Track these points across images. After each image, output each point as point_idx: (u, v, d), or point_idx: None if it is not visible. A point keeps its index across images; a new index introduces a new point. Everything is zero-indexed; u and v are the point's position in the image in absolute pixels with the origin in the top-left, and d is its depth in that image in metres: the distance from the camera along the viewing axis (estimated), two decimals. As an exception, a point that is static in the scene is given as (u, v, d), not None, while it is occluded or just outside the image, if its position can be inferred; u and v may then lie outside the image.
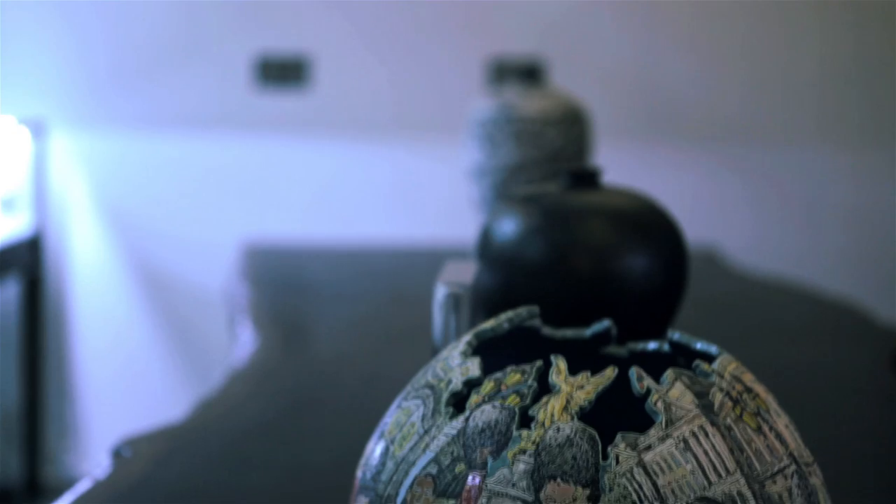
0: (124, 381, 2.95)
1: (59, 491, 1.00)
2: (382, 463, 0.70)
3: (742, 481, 0.64)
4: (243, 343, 1.54)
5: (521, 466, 0.64)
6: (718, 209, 2.90)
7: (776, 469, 0.66)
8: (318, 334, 1.63)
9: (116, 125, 2.90)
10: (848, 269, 2.90)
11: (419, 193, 2.89)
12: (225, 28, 2.88)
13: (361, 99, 2.90)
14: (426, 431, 0.69)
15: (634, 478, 0.63)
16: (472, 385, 0.70)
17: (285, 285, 1.97)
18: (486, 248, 1.15)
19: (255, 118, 2.90)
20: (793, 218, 2.94)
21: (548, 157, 1.92)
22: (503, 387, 0.68)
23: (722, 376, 0.68)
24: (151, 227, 2.92)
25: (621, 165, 2.14)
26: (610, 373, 0.67)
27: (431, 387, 0.71)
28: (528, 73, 2.08)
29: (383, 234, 2.69)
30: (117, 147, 2.91)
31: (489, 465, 0.65)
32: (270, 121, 2.90)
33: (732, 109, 2.94)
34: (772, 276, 2.11)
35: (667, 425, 0.65)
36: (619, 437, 0.65)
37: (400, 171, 2.91)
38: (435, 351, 0.99)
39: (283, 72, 2.90)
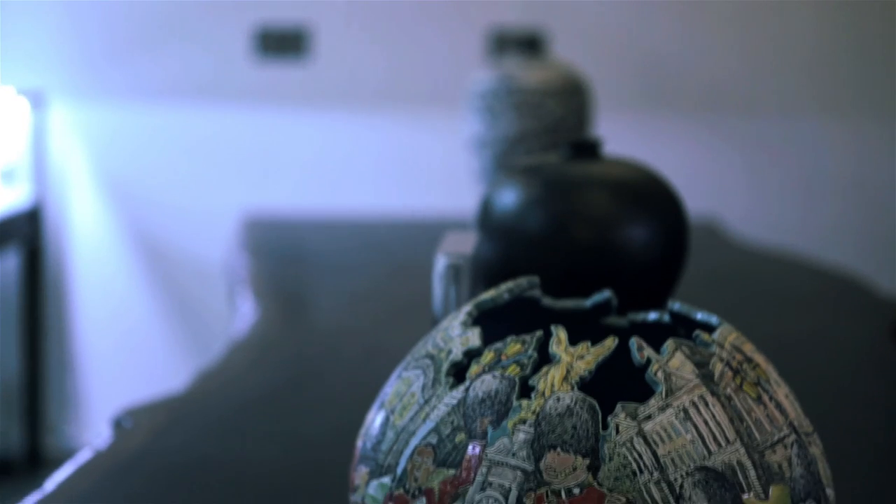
0: (124, 352, 2.96)
1: (60, 461, 1.00)
2: (383, 433, 0.70)
3: (742, 451, 0.64)
4: (243, 314, 1.54)
5: (521, 436, 0.64)
6: (719, 181, 2.90)
7: (776, 438, 0.66)
8: (319, 305, 1.64)
9: (116, 96, 2.89)
10: (848, 241, 2.90)
11: (419, 165, 2.89)
12: (224, -1, 2.87)
13: (361, 70, 2.89)
14: (426, 401, 0.69)
15: (634, 447, 0.63)
16: (472, 355, 0.70)
17: (285, 257, 1.97)
18: (487, 219, 1.15)
19: (255, 89, 2.89)
20: (793, 189, 2.94)
21: (548, 129, 1.92)
22: (503, 357, 0.68)
23: (722, 346, 0.68)
24: (151, 198, 2.92)
25: (622, 136, 2.14)
26: (610, 343, 0.67)
27: (431, 357, 0.71)
28: (529, 44, 2.07)
29: (383, 206, 2.69)
30: (117, 118, 2.90)
31: (489, 434, 0.65)
32: (270, 92, 2.89)
33: (733, 80, 2.93)
34: (772, 248, 2.11)
35: (667, 395, 0.65)
36: (619, 406, 0.65)
37: (400, 143, 2.90)
38: (435, 322, 0.99)
39: (282, 43, 2.89)
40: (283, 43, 2.89)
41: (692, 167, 2.84)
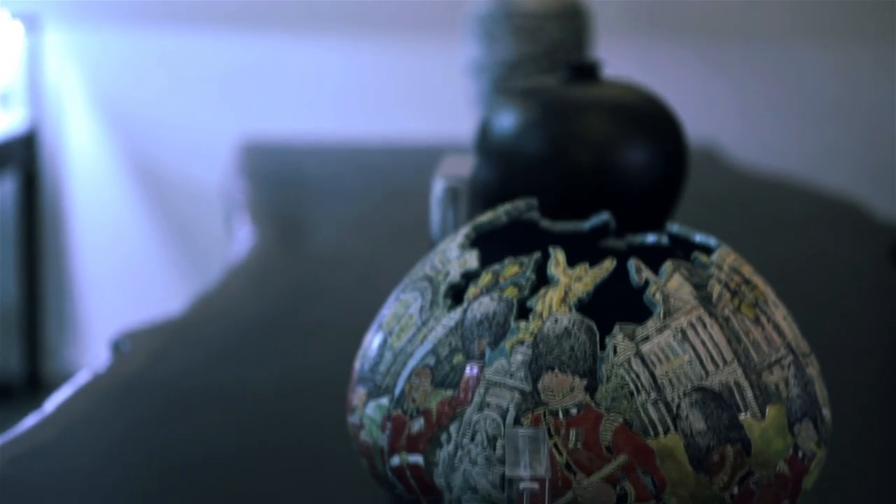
0: (122, 276, 2.96)
1: (59, 385, 1.01)
2: (380, 354, 0.70)
3: (739, 371, 0.64)
4: (241, 239, 1.54)
5: (518, 357, 0.65)
6: (717, 106, 2.88)
7: (773, 359, 0.66)
8: (316, 230, 1.63)
9: (112, 19, 2.87)
10: (846, 166, 2.89)
11: (417, 90, 2.87)
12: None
13: (359, -7, 2.86)
14: (424, 323, 0.69)
15: (632, 368, 0.63)
16: (470, 277, 0.70)
17: (283, 182, 1.96)
18: (485, 142, 1.15)
19: (253, 13, 2.87)
20: (791, 114, 2.93)
21: (546, 52, 1.90)
22: (501, 278, 0.68)
23: (720, 268, 0.68)
24: (148, 122, 2.90)
25: (621, 61, 2.12)
26: (608, 264, 0.67)
27: (429, 279, 0.71)
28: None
29: (382, 131, 2.67)
30: (113, 42, 2.88)
31: (487, 355, 0.65)
32: (268, 16, 2.87)
33: (733, 4, 2.90)
34: (771, 173, 2.10)
35: (665, 316, 0.65)
36: (616, 327, 0.65)
37: (398, 68, 2.88)
38: (433, 246, 0.98)
39: (279, -35, 2.86)
40: (279, -34, 2.86)
41: (692, 92, 2.83)
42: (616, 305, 0.67)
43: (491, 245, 0.74)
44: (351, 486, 0.76)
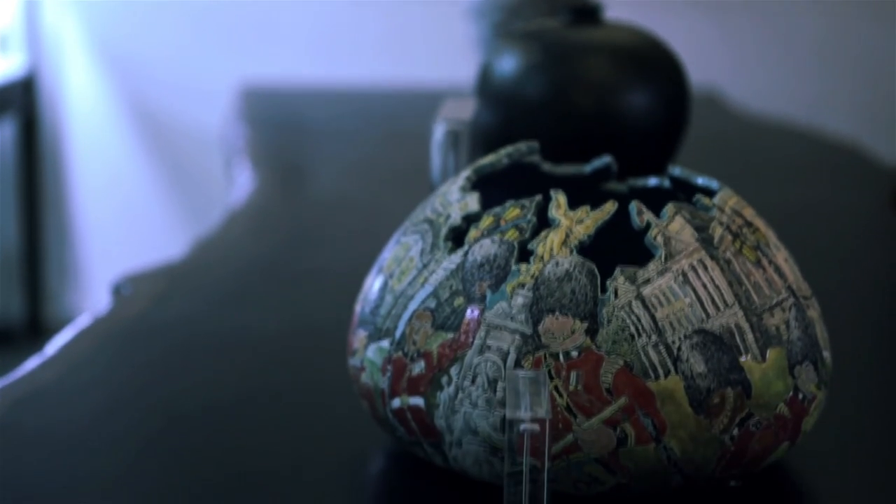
0: (122, 221, 2.96)
1: (60, 330, 1.01)
2: (381, 297, 0.70)
3: (740, 314, 0.64)
4: (241, 184, 1.53)
5: (519, 300, 0.65)
6: (719, 51, 2.86)
7: (774, 302, 0.66)
8: (317, 175, 1.63)
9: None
10: (849, 112, 2.88)
11: (418, 34, 2.85)
12: None
13: (359, -64, 2.84)
14: (425, 266, 0.69)
15: (633, 311, 0.63)
16: (470, 220, 0.69)
17: (283, 126, 1.96)
18: (486, 86, 1.14)
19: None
20: (794, 59, 2.91)
21: (548, -4, 1.89)
22: (502, 221, 0.68)
23: (722, 210, 0.68)
24: (148, 66, 2.89)
25: (622, 5, 2.10)
26: (610, 207, 0.67)
27: (430, 222, 0.71)
28: None
29: (382, 76, 2.66)
30: (110, -15, 2.86)
31: (488, 298, 0.65)
32: (266, -42, 2.85)
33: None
34: (773, 118, 2.09)
35: (666, 259, 0.65)
36: (617, 270, 0.65)
37: (399, 12, 2.86)
38: (433, 189, 0.98)
39: None
40: None
41: (694, 37, 2.81)
42: (617, 248, 0.67)
43: (492, 188, 0.73)
44: (352, 428, 0.76)
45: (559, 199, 0.68)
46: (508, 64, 1.12)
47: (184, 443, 0.76)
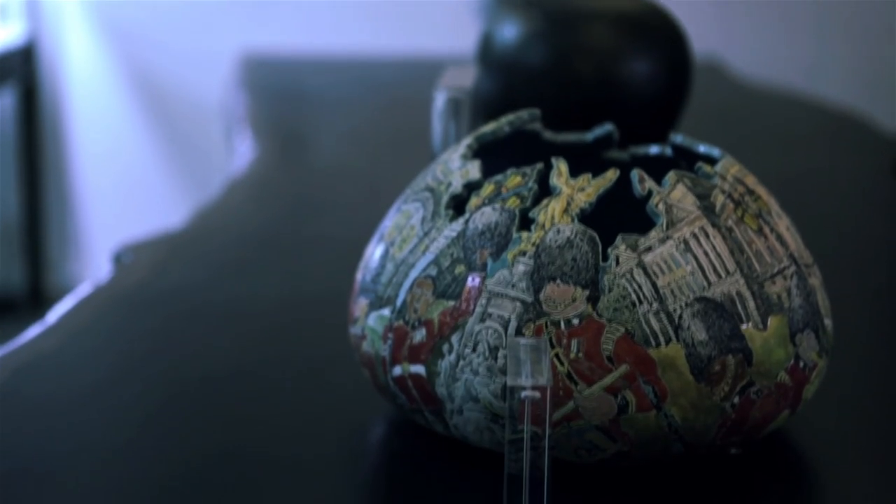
0: (123, 189, 2.95)
1: (61, 298, 1.01)
2: (382, 265, 0.70)
3: (741, 282, 0.64)
4: (241, 153, 1.53)
5: (520, 268, 0.64)
6: (722, 19, 2.85)
7: (776, 270, 0.66)
8: (317, 143, 1.62)
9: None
10: (852, 80, 2.87)
11: (419, 1, 2.84)
12: None
13: None
14: (426, 234, 0.68)
15: (634, 279, 0.63)
16: (472, 187, 0.69)
17: (283, 95, 1.95)
18: (487, 53, 1.14)
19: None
20: (797, 28, 2.90)
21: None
22: (503, 189, 0.68)
23: (724, 178, 0.68)
24: (148, 34, 2.88)
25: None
26: (611, 175, 0.67)
27: (431, 190, 0.71)
28: None
29: (382, 44, 2.65)
30: (110, -47, 2.84)
31: (489, 266, 0.65)
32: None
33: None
34: (775, 87, 2.09)
35: (667, 227, 0.64)
36: (619, 238, 0.64)
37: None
38: (434, 157, 0.98)
39: None
40: None
41: (694, 5, 2.79)
42: (619, 216, 0.67)
43: (493, 156, 0.73)
44: (353, 396, 0.77)
45: (560, 166, 0.68)
46: (509, 31, 1.12)
47: (185, 411, 0.77)
